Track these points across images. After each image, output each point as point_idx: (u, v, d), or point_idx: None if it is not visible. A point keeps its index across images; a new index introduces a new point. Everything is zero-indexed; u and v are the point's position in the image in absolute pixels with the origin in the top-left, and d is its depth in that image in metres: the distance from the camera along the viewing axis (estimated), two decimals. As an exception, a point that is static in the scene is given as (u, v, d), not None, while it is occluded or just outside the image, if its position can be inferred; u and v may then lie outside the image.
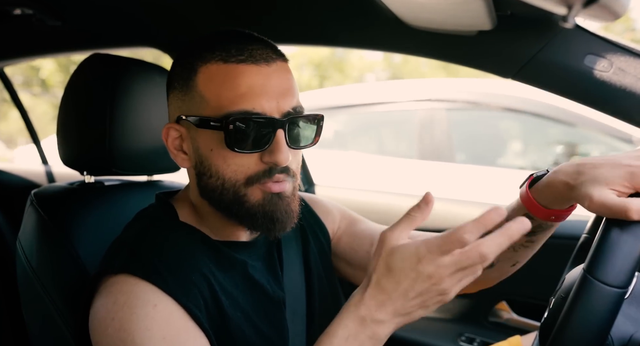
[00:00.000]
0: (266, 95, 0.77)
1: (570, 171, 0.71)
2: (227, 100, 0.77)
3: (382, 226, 1.03)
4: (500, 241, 0.61)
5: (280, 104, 0.78)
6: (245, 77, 0.77)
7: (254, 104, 0.77)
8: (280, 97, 0.78)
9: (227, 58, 0.78)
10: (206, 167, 0.81)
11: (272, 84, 0.78)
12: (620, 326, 0.62)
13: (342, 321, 0.67)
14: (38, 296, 0.97)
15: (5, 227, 2.02)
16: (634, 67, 0.93)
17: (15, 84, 2.49)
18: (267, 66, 0.79)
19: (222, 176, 0.79)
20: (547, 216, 0.77)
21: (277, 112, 0.78)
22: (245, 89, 0.77)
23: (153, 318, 0.71)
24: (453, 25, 1.01)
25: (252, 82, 0.77)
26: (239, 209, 0.80)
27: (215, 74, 0.79)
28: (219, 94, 0.78)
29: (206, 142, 0.80)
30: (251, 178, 0.79)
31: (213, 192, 0.81)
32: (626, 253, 0.59)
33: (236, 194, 0.79)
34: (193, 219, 0.88)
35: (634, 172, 0.64)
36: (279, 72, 0.80)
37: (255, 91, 0.77)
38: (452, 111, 3.05)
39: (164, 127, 0.85)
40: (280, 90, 0.79)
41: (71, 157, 1.07)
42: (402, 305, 0.64)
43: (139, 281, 0.74)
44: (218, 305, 0.80)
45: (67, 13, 1.44)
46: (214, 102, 0.78)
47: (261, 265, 0.90)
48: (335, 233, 1.04)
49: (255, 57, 0.79)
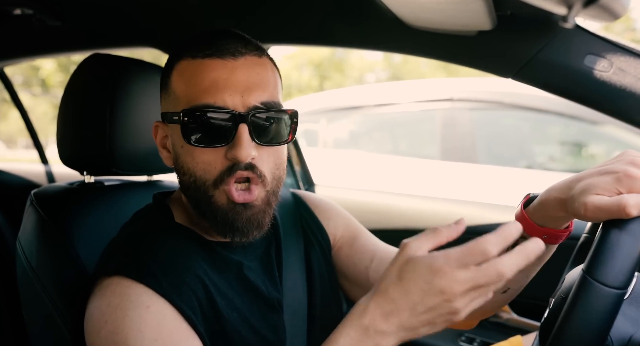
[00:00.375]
0: (229, 89, 0.76)
1: (561, 187, 0.72)
2: (193, 95, 0.77)
3: (385, 244, 1.02)
4: (518, 260, 0.58)
5: (245, 98, 0.77)
6: (210, 71, 0.77)
7: (215, 98, 0.76)
8: (246, 91, 0.77)
9: (196, 53, 0.79)
10: (180, 164, 0.81)
11: (237, 78, 0.77)
12: (620, 326, 0.62)
13: (345, 329, 0.64)
14: (38, 296, 0.97)
15: (5, 227, 2.02)
16: (634, 67, 0.93)
17: (15, 84, 2.49)
18: (233, 60, 0.78)
19: (193, 174, 0.79)
20: (540, 234, 0.77)
21: (242, 107, 0.77)
22: (208, 83, 0.77)
23: (145, 320, 0.71)
24: (453, 25, 1.01)
25: (216, 76, 0.77)
26: (205, 209, 0.80)
27: (185, 70, 0.79)
28: (186, 90, 0.78)
29: (177, 138, 0.80)
30: (217, 180, 0.78)
31: (187, 189, 0.81)
32: (625, 254, 0.59)
33: (205, 194, 0.79)
34: (187, 219, 0.88)
35: (619, 177, 0.64)
36: (246, 66, 0.79)
37: (219, 85, 0.76)
38: (474, 111, 2.99)
39: (153, 125, 0.87)
40: (246, 84, 0.77)
41: (71, 157, 1.07)
42: (409, 319, 0.61)
43: (132, 283, 0.74)
44: (213, 306, 0.80)
45: (67, 13, 1.44)
46: (183, 97, 0.79)
47: (257, 265, 0.90)
48: (337, 241, 1.03)
49: (222, 51, 0.78)
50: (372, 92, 3.45)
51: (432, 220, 1.66)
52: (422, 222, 1.68)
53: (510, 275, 0.58)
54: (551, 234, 0.77)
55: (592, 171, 0.69)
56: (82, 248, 0.97)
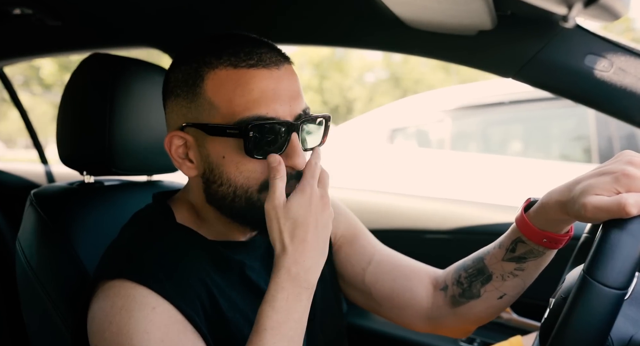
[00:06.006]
0: (279, 99, 0.77)
1: (561, 190, 0.73)
2: (240, 106, 0.76)
3: (384, 246, 1.02)
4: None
5: (292, 107, 0.78)
6: (257, 82, 0.76)
7: (267, 109, 0.76)
8: (292, 100, 0.78)
9: (237, 63, 0.77)
10: (216, 175, 0.80)
11: (284, 87, 0.77)
12: (621, 327, 0.62)
13: (278, 285, 0.72)
14: (37, 296, 0.97)
15: (5, 227, 2.02)
16: (634, 67, 0.93)
17: (16, 84, 2.49)
18: (277, 70, 0.78)
19: (233, 183, 0.78)
20: (539, 238, 0.78)
21: (290, 116, 0.77)
22: (258, 94, 0.76)
23: (152, 321, 0.70)
24: (453, 25, 1.01)
25: (264, 86, 0.76)
26: (253, 215, 0.80)
27: (225, 79, 0.77)
28: (230, 100, 0.76)
29: (217, 149, 0.78)
30: (264, 184, 0.78)
31: (223, 199, 0.80)
32: (625, 254, 0.59)
33: (249, 200, 0.79)
34: (190, 221, 0.87)
35: (618, 177, 0.64)
36: (288, 75, 0.79)
37: (269, 95, 0.76)
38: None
39: (167, 136, 0.82)
40: (291, 93, 0.78)
41: (71, 157, 1.07)
42: (316, 238, 0.74)
43: (136, 285, 0.74)
44: (216, 308, 0.80)
45: (67, 13, 1.44)
46: (225, 108, 0.76)
47: (259, 265, 0.90)
48: (337, 239, 1.02)
49: (265, 61, 0.77)
50: (506, 88, 3.05)
51: (432, 220, 1.66)
52: (422, 222, 1.68)
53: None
54: (551, 238, 0.78)
55: (591, 173, 0.69)
56: (82, 248, 0.97)
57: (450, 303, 0.92)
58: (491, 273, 0.86)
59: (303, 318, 0.74)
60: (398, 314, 0.98)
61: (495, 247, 0.87)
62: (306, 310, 0.74)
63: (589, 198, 0.65)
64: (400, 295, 0.96)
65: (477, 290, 0.88)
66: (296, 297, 0.72)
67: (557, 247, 0.80)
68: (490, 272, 0.87)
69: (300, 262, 0.73)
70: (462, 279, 0.90)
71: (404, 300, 0.96)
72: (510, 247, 0.83)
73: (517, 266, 0.84)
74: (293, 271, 0.72)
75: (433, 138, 3.45)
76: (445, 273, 0.95)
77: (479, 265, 0.89)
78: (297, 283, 0.73)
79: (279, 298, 0.72)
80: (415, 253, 1.06)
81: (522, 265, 0.83)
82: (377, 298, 0.98)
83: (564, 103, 2.79)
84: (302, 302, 0.73)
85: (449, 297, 0.92)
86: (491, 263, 0.86)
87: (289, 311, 0.72)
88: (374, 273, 0.98)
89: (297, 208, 0.73)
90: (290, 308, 0.72)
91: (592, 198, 0.65)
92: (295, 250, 0.73)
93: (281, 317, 0.71)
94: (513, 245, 0.83)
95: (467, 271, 0.90)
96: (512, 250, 0.83)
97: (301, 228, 0.73)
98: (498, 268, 0.86)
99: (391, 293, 0.97)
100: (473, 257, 0.91)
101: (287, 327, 0.71)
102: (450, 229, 1.61)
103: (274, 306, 0.71)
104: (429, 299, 0.95)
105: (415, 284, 0.96)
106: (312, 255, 0.74)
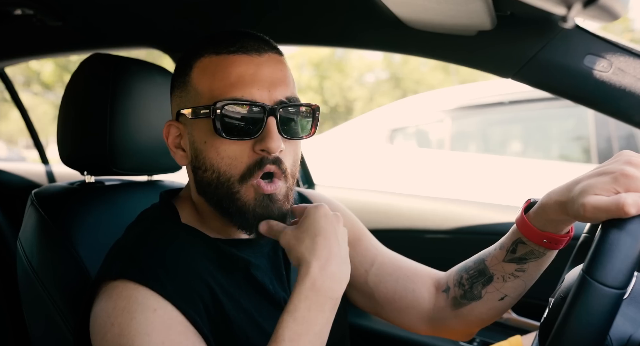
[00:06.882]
0: (257, 84, 0.78)
1: (561, 190, 0.73)
2: (219, 90, 0.78)
3: (386, 249, 1.02)
4: None
5: (272, 93, 0.78)
6: (236, 66, 0.78)
7: (243, 92, 0.77)
8: (272, 86, 0.79)
9: (219, 50, 0.79)
10: (201, 161, 0.81)
11: (264, 73, 0.79)
12: (619, 326, 0.62)
13: (301, 294, 0.71)
14: (39, 296, 0.97)
15: (6, 227, 2.02)
16: (633, 67, 0.93)
17: (16, 84, 2.50)
18: (258, 56, 0.79)
19: (216, 169, 0.79)
20: (540, 239, 0.78)
21: (269, 101, 0.78)
22: (235, 78, 0.77)
23: (153, 323, 0.71)
24: (453, 25, 1.02)
25: (242, 71, 0.78)
26: (230, 205, 0.80)
27: (208, 66, 0.80)
28: (211, 85, 0.79)
29: (200, 134, 0.80)
30: (244, 174, 0.79)
31: (208, 185, 0.81)
32: (624, 254, 0.59)
33: (229, 190, 0.79)
34: (194, 219, 0.87)
35: (616, 176, 0.65)
36: (270, 62, 0.80)
37: (246, 79, 0.77)
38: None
39: (165, 125, 0.86)
40: (272, 79, 0.79)
41: (71, 157, 1.07)
42: (336, 250, 0.74)
43: (138, 286, 0.74)
44: (220, 308, 0.80)
45: (68, 13, 1.44)
46: (206, 93, 0.79)
47: (265, 263, 0.90)
48: None
49: (247, 48, 0.79)
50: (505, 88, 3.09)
51: (432, 220, 1.67)
52: (422, 222, 1.68)
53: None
54: (551, 238, 0.78)
55: (590, 173, 0.69)
56: (83, 247, 0.97)
57: (452, 305, 0.92)
58: (492, 275, 0.87)
59: (324, 332, 0.73)
60: (400, 316, 0.98)
61: (496, 248, 0.87)
62: (328, 323, 0.73)
63: (588, 198, 0.65)
64: (403, 297, 0.96)
65: (478, 291, 0.89)
66: (319, 307, 0.71)
67: (557, 248, 0.80)
68: (491, 273, 0.87)
69: (326, 269, 0.72)
70: (464, 280, 0.91)
71: (406, 302, 0.96)
72: (511, 248, 0.83)
73: (517, 268, 0.84)
74: (319, 281, 0.72)
75: (433, 138, 3.44)
76: (447, 275, 0.96)
77: (480, 266, 0.89)
78: (322, 292, 0.72)
79: (301, 308, 0.71)
80: (415, 253, 1.06)
81: (523, 266, 0.83)
82: (379, 300, 0.98)
83: (563, 104, 2.79)
84: (324, 313, 0.72)
85: (450, 299, 0.93)
86: (492, 265, 0.87)
87: (310, 322, 0.71)
88: (377, 275, 0.98)
89: (318, 219, 0.76)
90: (312, 320, 0.71)
91: (591, 198, 0.65)
92: (319, 257, 0.73)
93: (301, 329, 0.70)
94: (513, 246, 0.83)
95: (468, 272, 0.91)
96: (512, 251, 0.83)
97: (322, 236, 0.74)
98: (499, 269, 0.86)
99: (394, 295, 0.97)
100: (474, 259, 0.91)
101: (306, 340, 0.70)
102: (450, 229, 1.61)
103: (295, 317, 0.70)
104: (431, 301, 0.95)
105: (418, 286, 0.96)
106: (337, 262, 0.74)
